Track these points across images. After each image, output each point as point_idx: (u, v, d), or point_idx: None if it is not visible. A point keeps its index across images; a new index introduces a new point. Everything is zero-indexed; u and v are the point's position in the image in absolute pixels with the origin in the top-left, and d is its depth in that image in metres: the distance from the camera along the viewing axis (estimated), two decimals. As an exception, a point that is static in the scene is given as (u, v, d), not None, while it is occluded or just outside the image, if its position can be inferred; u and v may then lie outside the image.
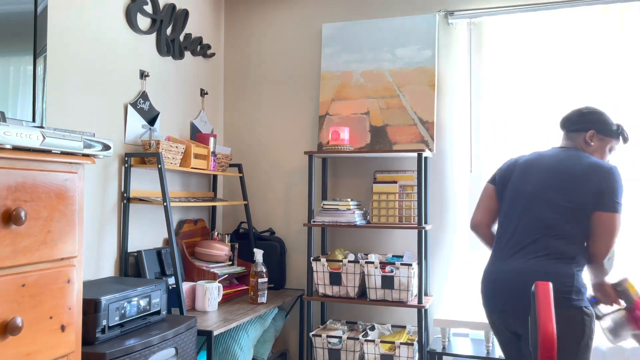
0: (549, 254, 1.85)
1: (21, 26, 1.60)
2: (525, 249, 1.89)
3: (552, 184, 1.90)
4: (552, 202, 1.88)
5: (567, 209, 1.86)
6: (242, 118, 3.43)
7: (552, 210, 1.87)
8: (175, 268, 2.38)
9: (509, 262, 1.91)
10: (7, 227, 1.26)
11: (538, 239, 1.87)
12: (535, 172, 1.97)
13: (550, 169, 1.94)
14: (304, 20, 3.31)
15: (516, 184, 2.00)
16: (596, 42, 2.74)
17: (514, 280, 1.86)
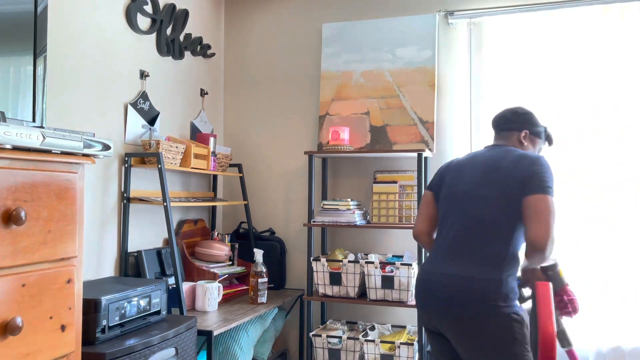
0: (479, 257, 1.79)
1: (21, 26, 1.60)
2: (456, 251, 1.84)
3: (484, 180, 1.86)
4: (485, 197, 1.83)
5: (499, 200, 1.80)
6: (242, 118, 3.43)
7: (486, 205, 1.82)
8: (175, 268, 2.38)
9: (442, 265, 1.85)
10: (7, 227, 1.26)
11: (470, 240, 1.82)
12: (468, 171, 1.94)
13: (481, 166, 1.91)
14: (304, 20, 3.31)
15: (450, 185, 1.97)
16: (596, 42, 2.74)
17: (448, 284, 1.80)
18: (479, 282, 1.75)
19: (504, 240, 1.79)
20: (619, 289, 2.63)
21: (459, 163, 2.02)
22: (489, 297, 1.73)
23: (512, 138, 2.02)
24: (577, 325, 2.67)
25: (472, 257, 1.80)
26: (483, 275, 1.76)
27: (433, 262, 1.90)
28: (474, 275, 1.77)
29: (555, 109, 2.79)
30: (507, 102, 2.86)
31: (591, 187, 2.70)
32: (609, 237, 2.66)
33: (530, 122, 2.02)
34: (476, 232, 1.82)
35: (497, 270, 1.76)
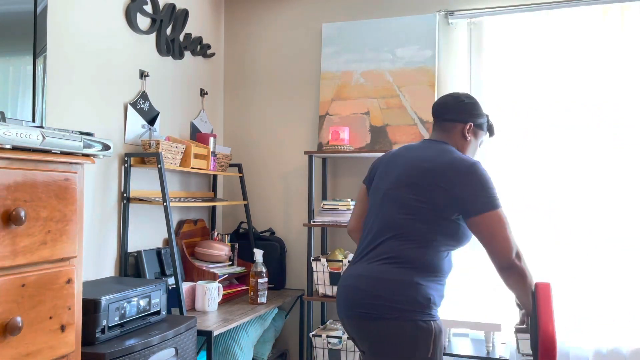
0: (389, 257, 1.64)
1: (21, 26, 1.60)
2: (370, 252, 1.70)
3: (405, 181, 1.68)
4: (403, 200, 1.66)
5: (418, 208, 1.63)
6: (242, 118, 3.43)
7: (402, 210, 1.66)
8: (175, 268, 2.38)
9: (356, 266, 1.72)
10: (7, 227, 1.26)
11: (383, 242, 1.67)
12: (394, 168, 1.75)
13: (407, 164, 1.72)
14: (304, 20, 3.31)
15: (376, 182, 1.81)
16: (596, 42, 2.74)
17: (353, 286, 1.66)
18: (385, 281, 1.60)
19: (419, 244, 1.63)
20: (618, 289, 2.63)
21: (392, 156, 1.83)
22: (394, 298, 1.58)
23: (454, 131, 1.80)
24: (576, 326, 2.67)
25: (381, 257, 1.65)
26: (390, 276, 1.61)
27: (350, 265, 1.77)
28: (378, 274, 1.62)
29: (555, 108, 2.78)
30: (507, 102, 2.86)
31: (591, 187, 2.70)
32: (609, 237, 2.66)
33: (475, 114, 1.81)
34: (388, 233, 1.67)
35: (407, 271, 1.61)
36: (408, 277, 1.60)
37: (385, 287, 1.60)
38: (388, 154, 1.88)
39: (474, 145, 1.84)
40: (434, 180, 1.63)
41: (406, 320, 1.56)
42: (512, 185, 2.83)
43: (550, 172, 2.77)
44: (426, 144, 1.79)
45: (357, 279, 1.67)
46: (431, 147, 1.76)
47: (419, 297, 1.58)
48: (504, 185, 2.84)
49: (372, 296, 1.60)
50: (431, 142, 1.80)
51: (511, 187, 2.83)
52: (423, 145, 1.80)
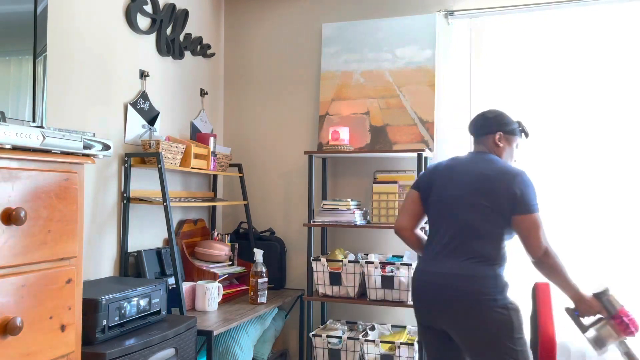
0: (473, 257, 1.92)
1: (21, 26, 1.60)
2: (453, 252, 1.96)
3: (472, 187, 1.97)
4: (473, 204, 1.95)
5: (485, 208, 1.93)
6: (242, 118, 3.43)
7: (474, 212, 1.94)
8: (175, 268, 2.38)
9: (440, 264, 1.97)
10: (7, 227, 1.26)
11: (463, 242, 1.94)
12: (457, 177, 2.04)
13: (469, 172, 2.01)
14: (304, 20, 3.31)
15: (440, 189, 2.07)
16: (597, 42, 2.74)
17: (444, 283, 1.92)
18: (476, 278, 1.88)
19: (493, 243, 1.93)
20: (623, 286, 2.63)
21: (448, 167, 2.10)
22: (486, 291, 1.86)
23: (488, 142, 2.11)
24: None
25: (465, 257, 1.93)
26: (478, 272, 1.89)
27: (428, 263, 2.02)
28: (470, 272, 1.90)
29: (555, 108, 2.78)
30: (507, 101, 2.86)
31: (591, 187, 2.70)
32: (609, 236, 2.66)
33: (501, 123, 2.11)
34: (467, 236, 1.94)
35: (490, 267, 1.90)
36: (491, 271, 1.90)
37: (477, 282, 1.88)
38: (439, 165, 2.14)
39: (508, 150, 2.12)
40: (494, 185, 1.94)
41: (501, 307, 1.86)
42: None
43: (550, 172, 2.76)
44: (476, 156, 2.08)
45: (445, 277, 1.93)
46: (482, 158, 2.06)
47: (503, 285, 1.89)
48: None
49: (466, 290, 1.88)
50: (478, 154, 2.09)
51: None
52: (474, 157, 2.08)
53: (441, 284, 1.93)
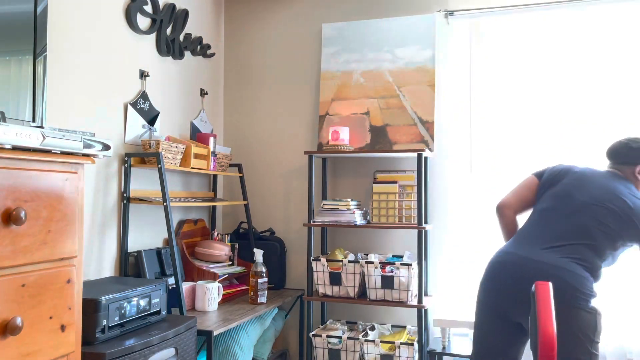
0: (577, 258, 1.93)
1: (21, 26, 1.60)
2: (559, 248, 1.96)
3: (604, 203, 1.99)
4: (600, 217, 1.97)
5: (609, 228, 1.96)
6: (242, 118, 3.43)
7: (596, 224, 1.97)
8: (175, 268, 2.38)
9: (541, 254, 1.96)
10: (7, 227, 1.26)
11: (573, 245, 1.96)
12: (590, 185, 2.06)
13: (604, 187, 2.04)
14: (304, 20, 3.31)
15: (567, 189, 2.08)
16: (597, 42, 2.74)
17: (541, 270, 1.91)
18: (578, 277, 1.88)
19: (598, 254, 1.96)
20: (625, 289, 2.63)
21: (582, 173, 2.12)
22: (585, 292, 1.87)
23: (627, 171, 2.13)
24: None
25: (569, 256, 1.93)
26: (578, 271, 1.90)
27: (520, 247, 2.01)
28: (571, 268, 1.90)
29: (555, 108, 2.78)
30: (507, 101, 2.86)
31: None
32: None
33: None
34: (579, 241, 1.96)
35: (588, 272, 1.93)
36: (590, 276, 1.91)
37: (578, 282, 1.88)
38: (573, 167, 2.16)
39: None
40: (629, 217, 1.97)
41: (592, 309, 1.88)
42: (511, 185, 2.82)
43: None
44: (615, 177, 2.09)
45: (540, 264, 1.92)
46: (620, 182, 2.07)
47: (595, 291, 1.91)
48: (502, 186, 2.84)
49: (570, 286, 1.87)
50: (616, 176, 2.11)
51: (510, 187, 2.82)
52: (613, 177, 2.09)
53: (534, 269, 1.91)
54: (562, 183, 2.11)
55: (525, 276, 1.92)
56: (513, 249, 2.01)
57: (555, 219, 2.03)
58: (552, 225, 2.02)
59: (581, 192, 2.05)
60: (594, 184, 2.06)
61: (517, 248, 2.01)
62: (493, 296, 1.99)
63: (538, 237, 2.01)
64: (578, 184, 2.07)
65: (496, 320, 2.00)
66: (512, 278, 1.94)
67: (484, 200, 2.88)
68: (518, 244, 2.03)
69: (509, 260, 1.98)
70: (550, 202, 2.09)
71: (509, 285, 1.95)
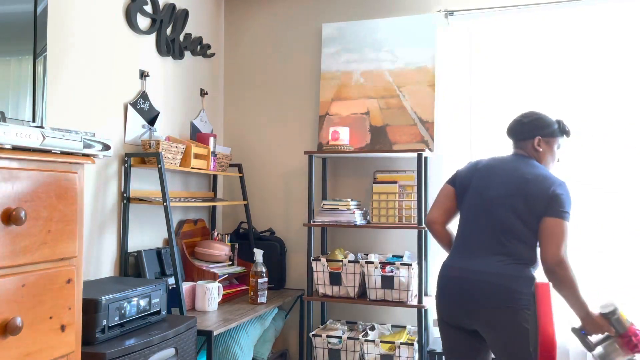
0: (509, 256, 1.94)
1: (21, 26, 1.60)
2: (488, 251, 1.97)
3: (512, 190, 1.98)
4: (513, 206, 1.96)
5: (523, 210, 1.94)
6: (242, 118, 3.43)
7: (513, 215, 1.96)
8: (175, 268, 2.38)
9: (474, 262, 1.98)
10: (7, 227, 1.26)
11: (500, 242, 1.96)
12: (496, 177, 2.05)
13: (509, 175, 2.02)
14: (304, 20, 3.31)
15: (478, 187, 2.08)
16: (598, 42, 2.74)
17: (480, 279, 1.93)
18: (512, 277, 1.89)
19: (528, 245, 1.95)
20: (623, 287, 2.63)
21: (487, 167, 2.10)
22: (520, 290, 1.88)
23: (528, 147, 2.11)
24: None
25: (501, 256, 1.94)
26: (514, 272, 1.91)
27: (460, 259, 2.02)
28: (506, 271, 1.91)
29: (555, 108, 2.78)
30: (507, 101, 2.86)
31: (592, 187, 2.70)
32: (611, 235, 2.66)
33: (538, 127, 2.10)
34: (504, 236, 1.96)
35: (525, 269, 1.92)
36: (527, 272, 1.92)
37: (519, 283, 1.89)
38: (479, 163, 2.14)
39: (549, 153, 2.11)
40: (534, 189, 1.94)
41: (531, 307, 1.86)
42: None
43: (550, 172, 2.77)
44: (517, 159, 2.08)
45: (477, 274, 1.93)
46: (523, 161, 2.06)
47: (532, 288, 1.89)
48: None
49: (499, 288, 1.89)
50: (519, 157, 2.09)
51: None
52: (515, 160, 2.08)
53: (476, 280, 1.93)
54: (472, 185, 2.10)
55: (469, 288, 1.95)
56: (454, 262, 2.03)
57: (476, 223, 2.03)
58: (475, 229, 2.03)
59: (489, 187, 2.04)
60: (498, 176, 2.04)
61: (457, 261, 2.03)
62: (446, 310, 2.03)
63: (468, 245, 2.03)
64: (485, 180, 2.06)
65: (455, 331, 2.04)
66: (458, 291, 1.97)
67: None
68: (457, 257, 2.04)
69: (452, 274, 2.01)
70: (467, 207, 2.09)
71: (456, 298, 1.98)
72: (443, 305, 2.03)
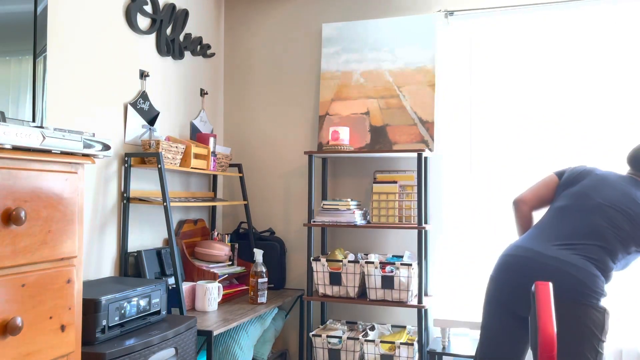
0: (590, 258, 1.93)
1: (21, 26, 1.60)
2: (572, 246, 1.97)
3: (619, 207, 2.00)
4: (613, 220, 1.98)
5: (623, 231, 1.97)
6: (242, 118, 3.43)
7: (610, 226, 1.97)
8: (175, 268, 2.38)
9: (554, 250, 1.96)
10: (7, 227, 1.26)
11: (587, 245, 1.96)
12: (608, 189, 2.06)
13: (621, 190, 2.04)
14: (304, 20, 3.31)
15: (586, 189, 2.09)
16: (598, 42, 2.74)
17: (553, 267, 1.91)
18: (588, 273, 1.88)
19: (612, 256, 1.96)
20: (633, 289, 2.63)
21: (602, 176, 2.12)
22: (593, 288, 1.87)
23: None
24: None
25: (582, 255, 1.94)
26: (592, 270, 1.90)
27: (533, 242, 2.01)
28: (584, 266, 1.90)
29: (555, 108, 2.78)
30: (507, 101, 2.86)
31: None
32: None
33: None
34: (593, 242, 1.96)
35: (600, 272, 1.92)
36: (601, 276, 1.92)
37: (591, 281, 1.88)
38: (595, 170, 2.16)
39: None
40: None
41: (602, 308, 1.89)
42: (511, 185, 2.83)
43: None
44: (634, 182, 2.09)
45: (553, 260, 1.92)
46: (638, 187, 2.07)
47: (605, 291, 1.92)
48: (502, 186, 2.84)
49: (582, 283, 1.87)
50: (635, 182, 2.10)
51: (511, 188, 2.83)
52: (632, 181, 2.09)
53: (546, 264, 1.91)
54: (581, 184, 2.11)
55: (536, 270, 1.92)
56: (525, 244, 2.01)
57: (570, 218, 2.04)
58: (566, 223, 2.03)
59: (598, 193, 2.05)
60: (611, 187, 2.06)
61: (529, 243, 2.01)
62: (503, 290, 1.99)
63: (552, 234, 2.02)
64: (596, 186, 2.08)
65: (504, 313, 2.01)
66: (523, 272, 1.95)
67: (484, 200, 2.89)
68: (531, 239, 2.03)
69: (521, 254, 1.98)
70: (567, 201, 2.09)
71: (520, 279, 1.95)
72: (501, 283, 2.00)
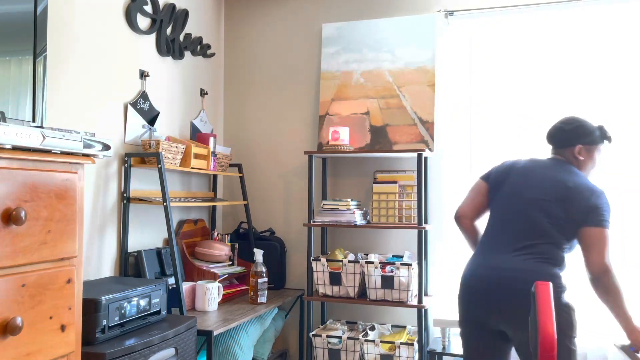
0: (543, 257, 1.94)
1: (21, 26, 1.60)
2: (522, 250, 1.96)
3: (550, 195, 1.98)
4: (548, 211, 1.96)
5: (559, 216, 1.95)
6: (242, 118, 3.43)
7: (547, 219, 1.96)
8: (175, 268, 2.38)
9: (504, 260, 1.96)
10: (7, 227, 1.26)
11: (532, 243, 1.96)
12: (535, 180, 2.04)
13: (548, 179, 2.02)
14: (304, 20, 3.31)
15: (514, 187, 2.07)
16: (598, 42, 2.74)
17: (513, 278, 1.91)
18: (548, 277, 1.89)
19: (558, 246, 1.95)
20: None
21: (525, 168, 2.09)
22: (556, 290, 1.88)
23: (567, 154, 2.10)
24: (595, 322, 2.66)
25: (531, 256, 1.94)
26: (544, 270, 1.90)
27: (488, 257, 2.01)
28: (537, 269, 1.90)
29: (555, 108, 2.78)
30: (507, 101, 2.86)
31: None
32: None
33: (580, 135, 2.08)
34: (536, 237, 1.96)
35: (554, 268, 1.92)
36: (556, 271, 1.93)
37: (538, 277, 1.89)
38: (517, 163, 2.13)
39: (589, 161, 2.10)
40: (574, 197, 1.94)
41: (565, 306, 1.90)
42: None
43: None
44: (557, 164, 2.07)
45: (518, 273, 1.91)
46: (562, 167, 2.05)
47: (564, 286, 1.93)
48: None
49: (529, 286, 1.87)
50: (559, 162, 2.08)
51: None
52: (555, 164, 2.07)
53: (506, 278, 1.91)
54: (508, 182, 2.09)
55: (498, 286, 1.93)
56: (482, 260, 2.02)
57: (511, 222, 2.02)
58: (509, 228, 2.02)
59: (528, 189, 2.03)
60: (539, 178, 2.03)
61: (485, 259, 2.01)
62: (472, 309, 2.00)
63: (501, 243, 2.02)
64: (524, 181, 2.05)
65: (480, 331, 2.01)
66: (486, 290, 1.96)
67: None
68: (485, 254, 2.03)
69: (480, 273, 1.99)
70: (500, 204, 2.08)
71: (485, 297, 1.96)
72: (468, 303, 2.01)
